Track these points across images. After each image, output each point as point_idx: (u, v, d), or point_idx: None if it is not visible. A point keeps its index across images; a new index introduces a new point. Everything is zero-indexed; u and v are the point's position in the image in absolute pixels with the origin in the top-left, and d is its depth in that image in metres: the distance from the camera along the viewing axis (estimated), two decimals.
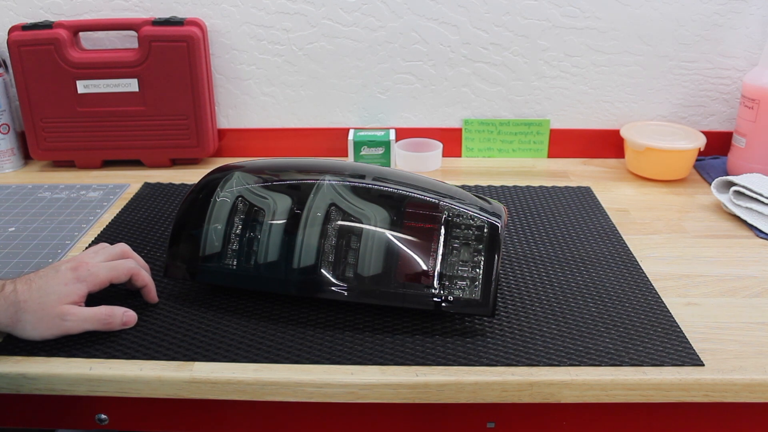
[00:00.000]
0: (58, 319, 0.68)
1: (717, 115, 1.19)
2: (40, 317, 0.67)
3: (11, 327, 0.67)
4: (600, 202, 1.01)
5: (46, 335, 0.68)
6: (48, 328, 0.68)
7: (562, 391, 0.65)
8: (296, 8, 1.12)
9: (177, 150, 1.14)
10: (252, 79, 1.17)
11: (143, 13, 1.12)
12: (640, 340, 0.70)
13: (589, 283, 0.80)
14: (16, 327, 0.67)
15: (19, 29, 1.07)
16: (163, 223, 0.95)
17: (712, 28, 1.12)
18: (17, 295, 0.67)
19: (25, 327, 0.67)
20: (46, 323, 0.67)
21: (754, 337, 0.71)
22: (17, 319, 0.67)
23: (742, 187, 0.96)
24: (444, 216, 0.71)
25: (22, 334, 0.68)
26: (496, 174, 1.13)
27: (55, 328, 0.68)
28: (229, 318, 0.73)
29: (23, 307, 0.67)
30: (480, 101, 1.18)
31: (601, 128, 1.19)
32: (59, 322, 0.68)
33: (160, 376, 0.66)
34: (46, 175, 1.13)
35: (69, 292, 0.68)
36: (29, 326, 0.67)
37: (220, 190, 0.76)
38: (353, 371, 0.66)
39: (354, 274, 0.70)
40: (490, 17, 1.12)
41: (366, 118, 1.19)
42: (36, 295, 0.67)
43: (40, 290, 0.67)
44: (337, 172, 0.76)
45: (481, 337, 0.70)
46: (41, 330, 0.68)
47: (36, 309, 0.67)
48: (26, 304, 0.67)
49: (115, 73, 1.09)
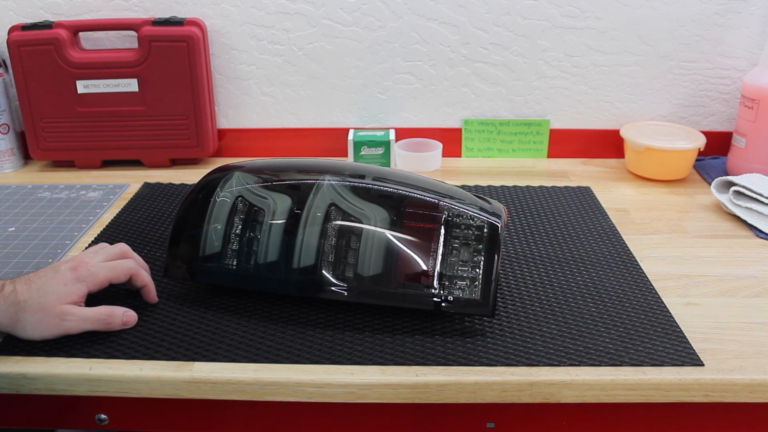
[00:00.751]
0: (57, 319, 0.68)
1: (717, 115, 1.19)
2: (40, 317, 0.67)
3: (11, 327, 0.67)
4: (600, 202, 1.01)
5: (46, 335, 0.68)
6: (48, 327, 0.68)
7: (562, 391, 0.65)
8: (296, 8, 1.12)
9: (177, 150, 1.14)
10: (252, 79, 1.17)
11: (143, 13, 1.12)
12: (640, 340, 0.70)
13: (589, 283, 0.80)
14: (16, 327, 0.67)
15: (19, 29, 1.07)
16: (163, 223, 0.95)
17: (712, 28, 1.12)
18: (17, 295, 0.67)
19: (25, 327, 0.67)
20: (45, 323, 0.67)
21: (754, 337, 0.71)
22: (17, 319, 0.67)
23: (742, 187, 0.96)
24: (444, 216, 0.71)
25: (22, 334, 0.68)
26: (496, 174, 1.13)
27: (55, 328, 0.68)
28: (229, 318, 0.73)
29: (23, 307, 0.67)
30: (480, 101, 1.18)
31: (601, 128, 1.19)
32: (59, 322, 0.68)
33: (160, 376, 0.66)
34: (46, 175, 1.13)
35: (69, 292, 0.68)
36: (29, 326, 0.67)
37: (220, 190, 0.76)
38: (353, 371, 0.66)
39: (354, 274, 0.70)
40: (490, 17, 1.12)
41: (366, 118, 1.19)
42: (36, 296, 0.67)
43: (39, 290, 0.67)
44: (337, 172, 0.76)
45: (481, 337, 0.70)
46: (41, 330, 0.68)
47: (36, 309, 0.67)
48: (26, 304, 0.67)
49: (115, 73, 1.09)
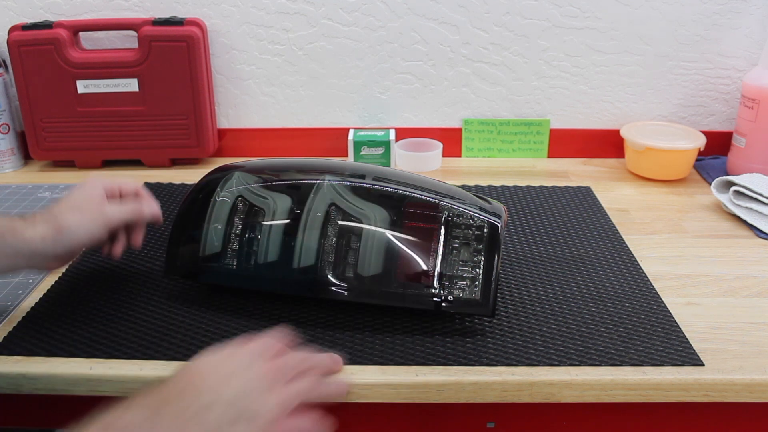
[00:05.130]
0: (98, 213, 0.71)
1: (717, 115, 1.19)
2: (80, 216, 0.69)
3: (57, 236, 0.68)
4: (600, 202, 1.01)
5: (92, 230, 0.70)
6: (91, 221, 0.70)
7: (562, 391, 0.65)
8: (296, 8, 1.12)
9: (177, 150, 1.14)
10: (252, 79, 1.17)
11: (143, 13, 1.12)
12: (640, 340, 0.70)
13: (589, 283, 0.80)
14: (62, 234, 0.68)
15: (19, 29, 1.07)
16: (163, 223, 0.94)
17: (712, 28, 1.12)
18: (50, 210, 0.69)
19: (71, 228, 0.68)
20: (88, 218, 0.70)
21: (754, 337, 0.71)
22: (59, 226, 0.68)
23: (742, 187, 0.96)
24: (444, 216, 0.71)
25: (71, 237, 0.69)
26: (496, 174, 1.13)
27: (98, 220, 0.70)
28: (229, 318, 0.73)
29: (60, 214, 0.69)
30: (480, 101, 1.18)
31: (601, 128, 1.19)
32: (100, 215, 0.71)
33: (160, 376, 0.65)
34: (46, 175, 1.13)
35: (91, 193, 0.72)
36: (74, 226, 0.69)
37: (220, 190, 0.76)
38: (353, 371, 0.66)
39: (354, 274, 0.70)
40: (490, 17, 1.12)
41: (366, 118, 1.19)
42: (67, 203, 0.70)
43: (67, 199, 0.71)
44: (337, 172, 0.76)
45: (481, 337, 0.70)
46: (85, 227, 0.69)
47: (73, 211, 0.69)
48: (62, 211, 0.69)
49: (115, 73, 1.09)
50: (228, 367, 0.56)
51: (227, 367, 0.56)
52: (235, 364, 0.57)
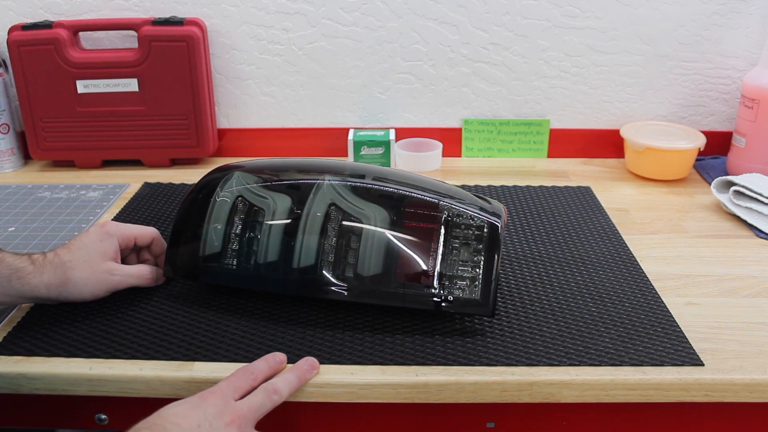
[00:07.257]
0: (106, 274, 0.71)
1: (717, 115, 1.19)
2: (89, 273, 0.70)
3: (62, 288, 0.69)
4: (600, 202, 1.01)
5: (96, 291, 0.71)
6: (98, 283, 0.70)
7: (562, 391, 0.65)
8: (296, 8, 1.12)
9: (177, 150, 1.14)
10: (252, 79, 1.17)
11: (143, 13, 1.12)
12: (640, 340, 0.70)
13: (589, 283, 0.80)
14: (67, 287, 0.69)
15: (19, 29, 1.07)
16: (163, 223, 0.94)
17: (712, 28, 1.12)
18: (60, 257, 0.69)
19: (77, 285, 0.69)
20: (95, 279, 0.70)
21: (754, 337, 0.71)
22: (66, 279, 0.69)
23: (742, 187, 0.96)
24: (444, 216, 0.71)
25: (74, 293, 0.70)
26: (496, 174, 1.13)
27: (105, 282, 0.71)
28: (229, 318, 0.73)
29: (70, 267, 0.69)
30: (480, 101, 1.18)
31: (601, 128, 1.19)
32: (108, 277, 0.71)
33: (160, 376, 0.66)
34: (46, 175, 1.13)
35: (106, 248, 0.71)
36: (80, 283, 0.69)
37: (220, 190, 0.76)
38: (353, 371, 0.66)
39: (354, 274, 0.70)
40: (490, 17, 1.12)
41: (366, 118, 1.19)
42: (78, 254, 0.70)
43: (80, 249, 0.70)
44: (337, 172, 0.76)
45: (481, 337, 0.70)
46: (91, 286, 0.70)
47: (83, 266, 0.69)
48: (72, 264, 0.69)
49: (115, 73, 1.09)
50: (196, 418, 0.57)
51: (195, 418, 0.57)
52: (201, 416, 0.57)
